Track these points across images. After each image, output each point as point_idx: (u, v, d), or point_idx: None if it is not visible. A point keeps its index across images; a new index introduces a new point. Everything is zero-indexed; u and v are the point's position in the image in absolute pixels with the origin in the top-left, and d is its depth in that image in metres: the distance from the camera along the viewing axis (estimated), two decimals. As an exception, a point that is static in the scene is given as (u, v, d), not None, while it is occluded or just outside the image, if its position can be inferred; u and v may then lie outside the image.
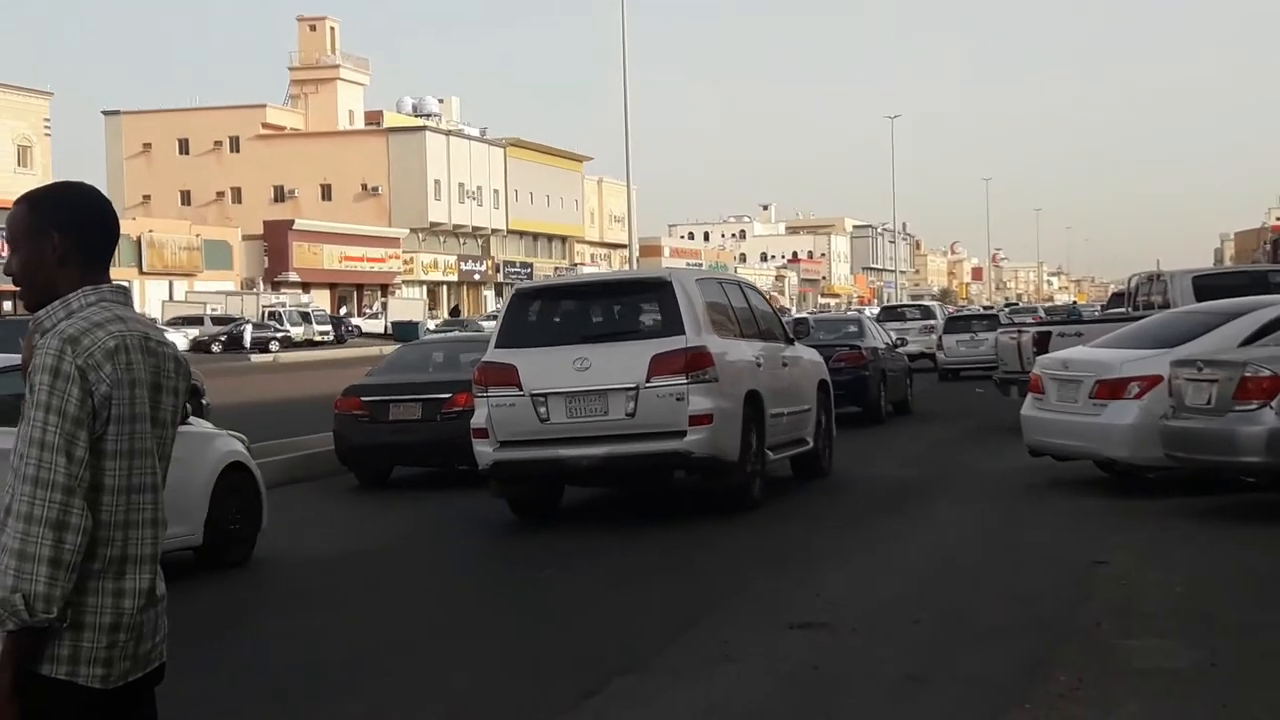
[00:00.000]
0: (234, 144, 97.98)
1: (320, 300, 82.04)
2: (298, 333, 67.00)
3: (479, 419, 12.07)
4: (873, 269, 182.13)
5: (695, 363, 11.80)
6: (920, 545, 10.59)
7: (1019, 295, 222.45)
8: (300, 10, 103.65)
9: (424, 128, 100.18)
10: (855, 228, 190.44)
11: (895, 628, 7.76)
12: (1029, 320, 34.77)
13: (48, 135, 70.73)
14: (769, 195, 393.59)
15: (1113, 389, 12.24)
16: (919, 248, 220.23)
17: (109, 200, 3.20)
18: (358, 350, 59.18)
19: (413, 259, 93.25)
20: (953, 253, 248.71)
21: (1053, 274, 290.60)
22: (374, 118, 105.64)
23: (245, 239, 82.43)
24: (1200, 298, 17.38)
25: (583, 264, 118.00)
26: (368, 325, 78.96)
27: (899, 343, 25.97)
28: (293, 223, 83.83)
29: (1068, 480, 13.33)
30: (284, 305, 72.26)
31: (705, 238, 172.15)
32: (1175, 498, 11.86)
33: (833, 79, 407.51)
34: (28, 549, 2.83)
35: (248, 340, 60.84)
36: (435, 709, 6.61)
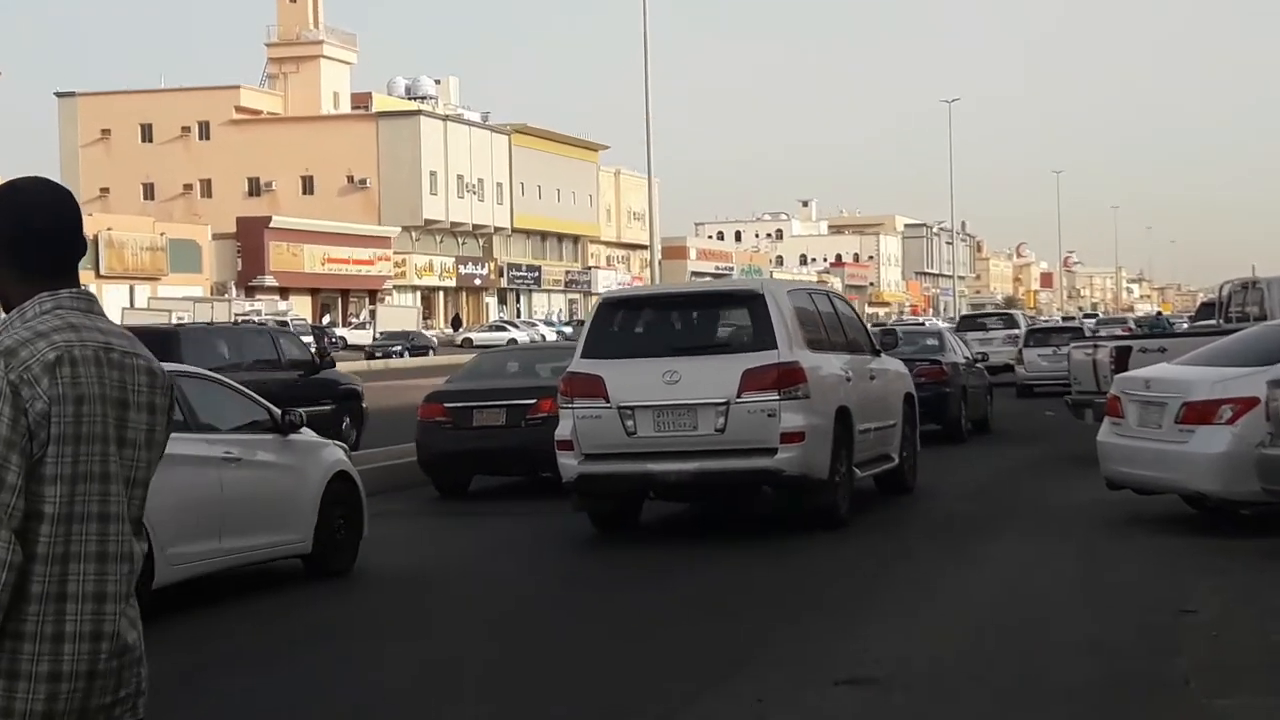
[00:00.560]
0: (203, 130, 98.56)
1: (300, 308, 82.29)
2: (274, 344, 67.08)
3: (564, 431, 13.22)
4: (927, 274, 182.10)
5: (787, 378, 12.86)
6: (984, 590, 10.59)
7: (1094, 304, 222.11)
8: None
9: (418, 112, 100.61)
10: (907, 227, 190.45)
11: (953, 686, 7.74)
12: (1117, 332, 35.00)
13: (-6, 120, 71.21)
14: (809, 190, 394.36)
15: (1202, 413, 12.22)
16: (980, 250, 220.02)
17: (62, 193, 3.12)
18: (342, 365, 59.30)
19: (405, 261, 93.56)
20: (1019, 256, 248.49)
21: (1132, 280, 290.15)
22: (362, 100, 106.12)
23: (216, 238, 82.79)
24: (1302, 308, 17.35)
25: (597, 267, 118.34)
26: (354, 336, 79.20)
27: (979, 357, 27.02)
28: (269, 220, 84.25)
29: (1150, 517, 13.30)
30: (259, 313, 72.47)
31: (737, 238, 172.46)
32: (1273, 537, 11.80)
33: (881, 57, 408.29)
34: None
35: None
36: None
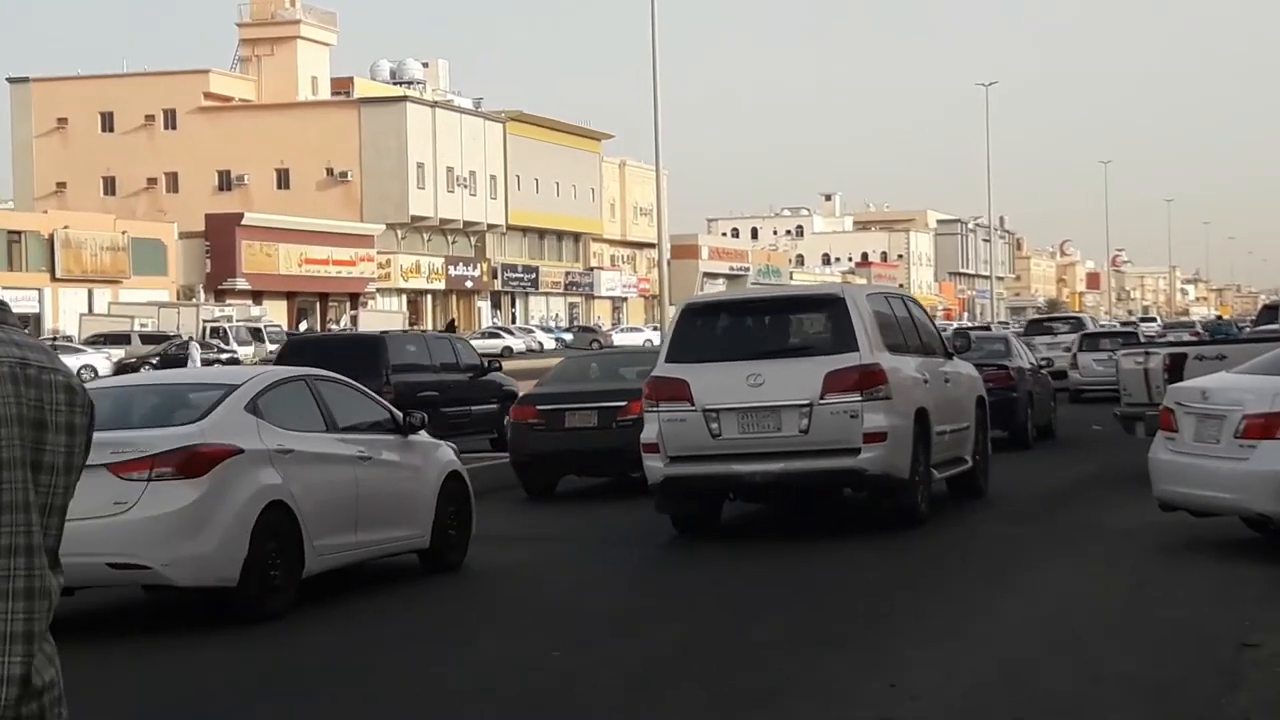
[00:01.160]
0: (169, 119, 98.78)
1: (275, 313, 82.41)
2: (246, 354, 67.09)
3: (649, 434, 14.73)
4: (962, 274, 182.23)
5: (869, 380, 14.33)
6: (1024, 620, 10.59)
7: (1145, 307, 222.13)
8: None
9: (404, 98, 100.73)
10: (940, 223, 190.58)
11: (992, 726, 7.74)
12: (1186, 338, 35.35)
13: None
14: (832, 183, 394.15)
15: (1265, 427, 12.20)
16: (1020, 248, 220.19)
17: None
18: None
19: (390, 261, 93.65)
20: (1062, 254, 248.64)
21: (1187, 281, 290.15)
22: (342, 86, 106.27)
23: (183, 237, 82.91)
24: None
25: (600, 268, 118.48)
26: (334, 344, 78.95)
27: (1044, 363, 29.04)
28: (241, 217, 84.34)
29: (1208, 541, 13.30)
30: (230, 319, 72.54)
31: (753, 235, 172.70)
32: (1344, 563, 11.82)
33: (912, 38, 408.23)
34: None
35: (196, 363, 61.23)
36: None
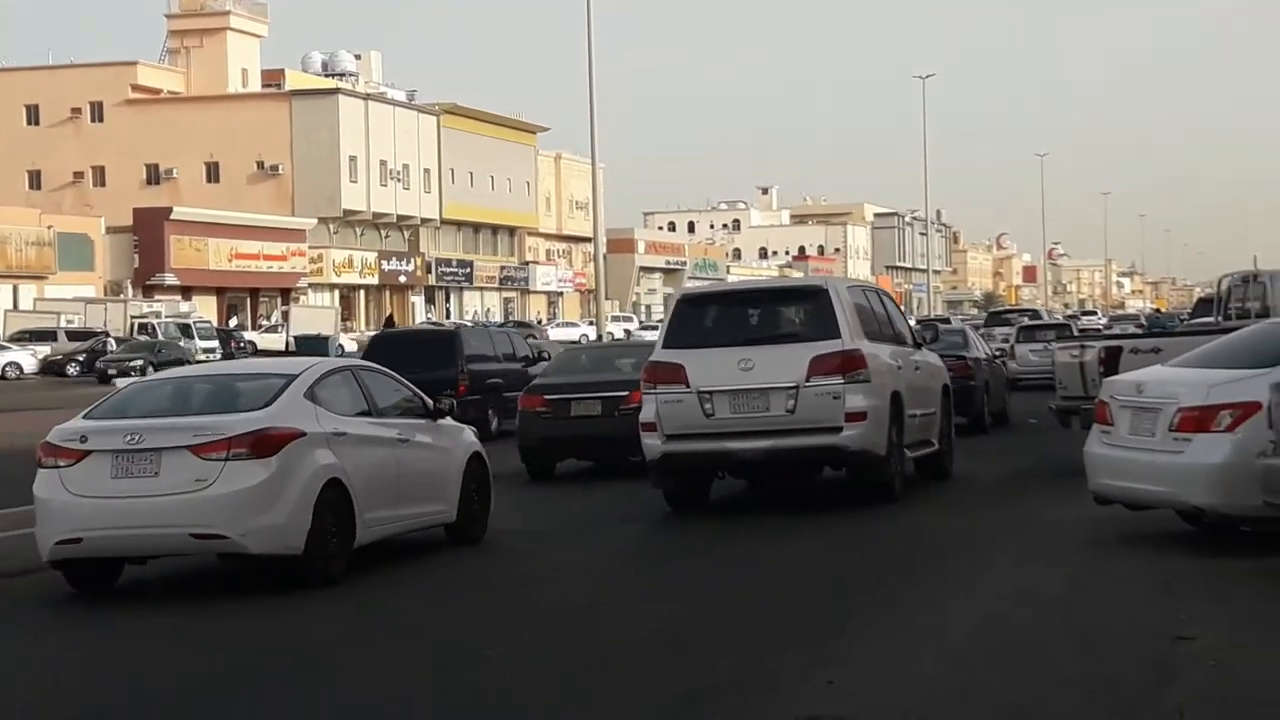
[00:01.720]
0: (96, 111, 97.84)
1: (205, 309, 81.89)
2: (177, 350, 66.86)
3: (647, 414, 16.23)
4: (899, 268, 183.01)
5: (850, 364, 15.83)
6: (962, 617, 10.63)
7: (1081, 300, 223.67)
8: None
9: (336, 91, 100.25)
10: (877, 216, 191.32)
11: (929, 722, 7.76)
12: (1132, 330, 36.02)
13: None
14: (770, 176, 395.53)
15: (1199, 420, 12.26)
16: (957, 241, 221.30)
17: None
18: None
19: (322, 256, 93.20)
20: (999, 247, 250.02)
21: (1123, 274, 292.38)
22: (273, 78, 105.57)
23: (110, 232, 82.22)
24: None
25: (536, 262, 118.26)
26: (265, 340, 78.78)
27: (999, 354, 31.24)
28: (170, 211, 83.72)
29: (1144, 535, 13.38)
30: (159, 315, 72.13)
31: (690, 229, 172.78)
32: (1276, 556, 11.90)
33: (849, 28, 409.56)
34: None
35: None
36: None
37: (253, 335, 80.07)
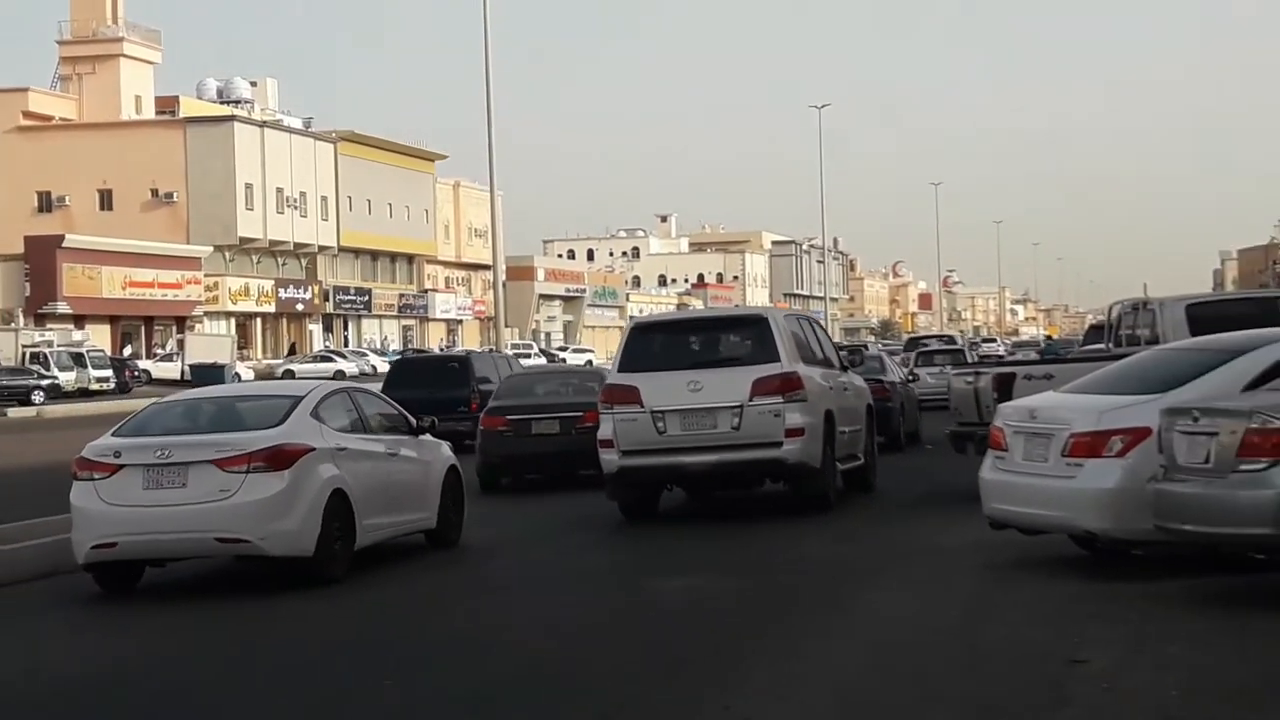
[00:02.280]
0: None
1: (99, 337, 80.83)
2: (68, 379, 66.64)
3: (605, 432, 17.72)
4: (797, 295, 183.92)
5: (789, 385, 17.42)
6: (856, 643, 10.65)
7: (976, 327, 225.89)
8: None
9: (232, 118, 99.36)
10: (775, 244, 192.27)
11: (825, 748, 7.78)
12: (1033, 356, 36.91)
13: None
14: (668, 204, 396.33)
15: (1091, 445, 12.36)
16: (854, 269, 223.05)
17: None
18: (146, 401, 58.34)
19: (218, 284, 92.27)
20: (895, 275, 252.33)
21: (1017, 301, 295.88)
22: (167, 105, 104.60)
23: (1, 260, 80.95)
24: (1196, 331, 17.72)
25: (435, 289, 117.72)
26: (159, 369, 77.93)
27: (912, 378, 33.24)
28: (63, 239, 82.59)
29: (1037, 559, 13.46)
30: (50, 345, 71.21)
31: (589, 257, 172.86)
32: (1168, 579, 12.03)
33: (746, 58, 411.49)
34: None
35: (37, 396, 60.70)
36: None
37: (147, 364, 79.18)
